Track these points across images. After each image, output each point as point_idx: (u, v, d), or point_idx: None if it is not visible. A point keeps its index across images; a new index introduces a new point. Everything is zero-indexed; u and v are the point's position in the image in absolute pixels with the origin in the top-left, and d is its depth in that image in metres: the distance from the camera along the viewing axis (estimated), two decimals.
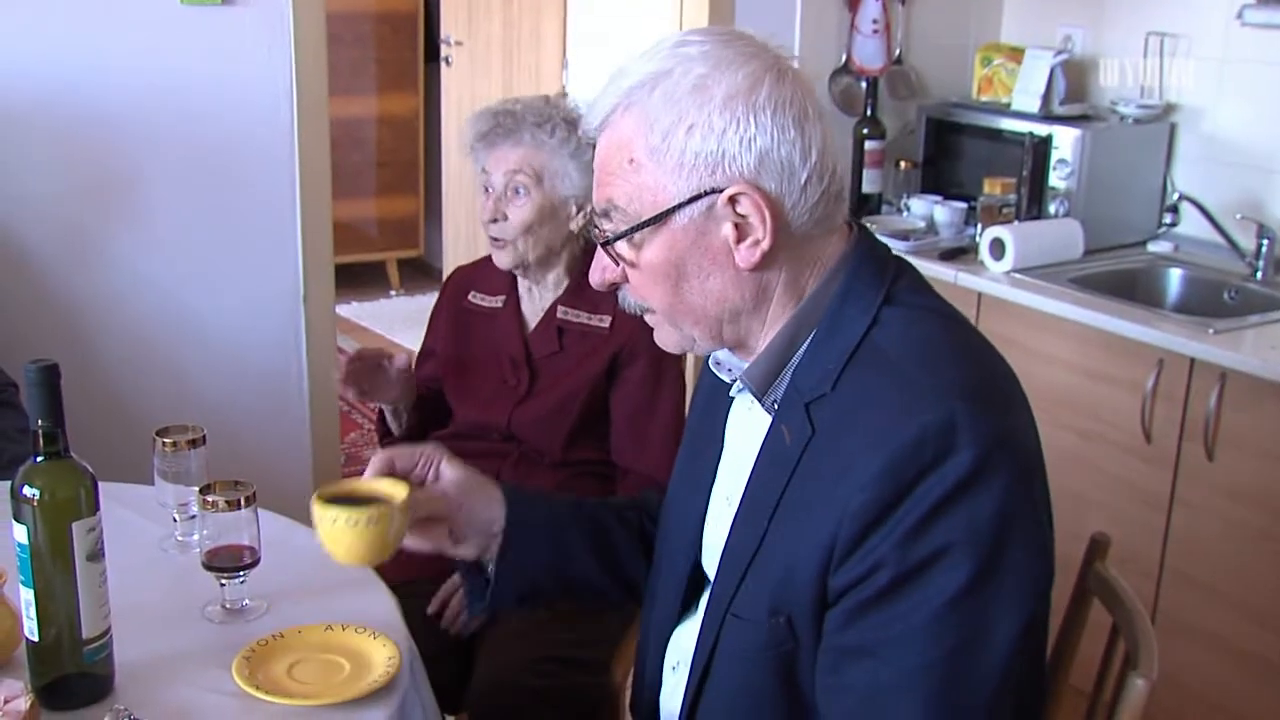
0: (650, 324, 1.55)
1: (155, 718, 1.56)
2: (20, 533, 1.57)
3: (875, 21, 3.85)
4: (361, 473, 1.68)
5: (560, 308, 2.49)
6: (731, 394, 1.54)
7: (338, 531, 1.58)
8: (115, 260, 3.03)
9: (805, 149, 1.40)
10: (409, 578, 2.40)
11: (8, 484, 1.58)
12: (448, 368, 2.61)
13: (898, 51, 4.00)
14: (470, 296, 2.61)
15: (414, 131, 6.93)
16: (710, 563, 1.59)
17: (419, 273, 7.14)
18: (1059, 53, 3.71)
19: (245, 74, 3.06)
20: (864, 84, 3.93)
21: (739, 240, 1.41)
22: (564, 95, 2.55)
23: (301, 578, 1.91)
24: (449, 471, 1.70)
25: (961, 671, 1.31)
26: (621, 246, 1.46)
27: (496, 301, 2.57)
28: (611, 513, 1.84)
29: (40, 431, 1.56)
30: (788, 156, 1.40)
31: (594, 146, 1.49)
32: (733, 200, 1.40)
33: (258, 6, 3.03)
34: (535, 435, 2.49)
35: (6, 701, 1.53)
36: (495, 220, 2.45)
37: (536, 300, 2.54)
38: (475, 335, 2.58)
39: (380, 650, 1.72)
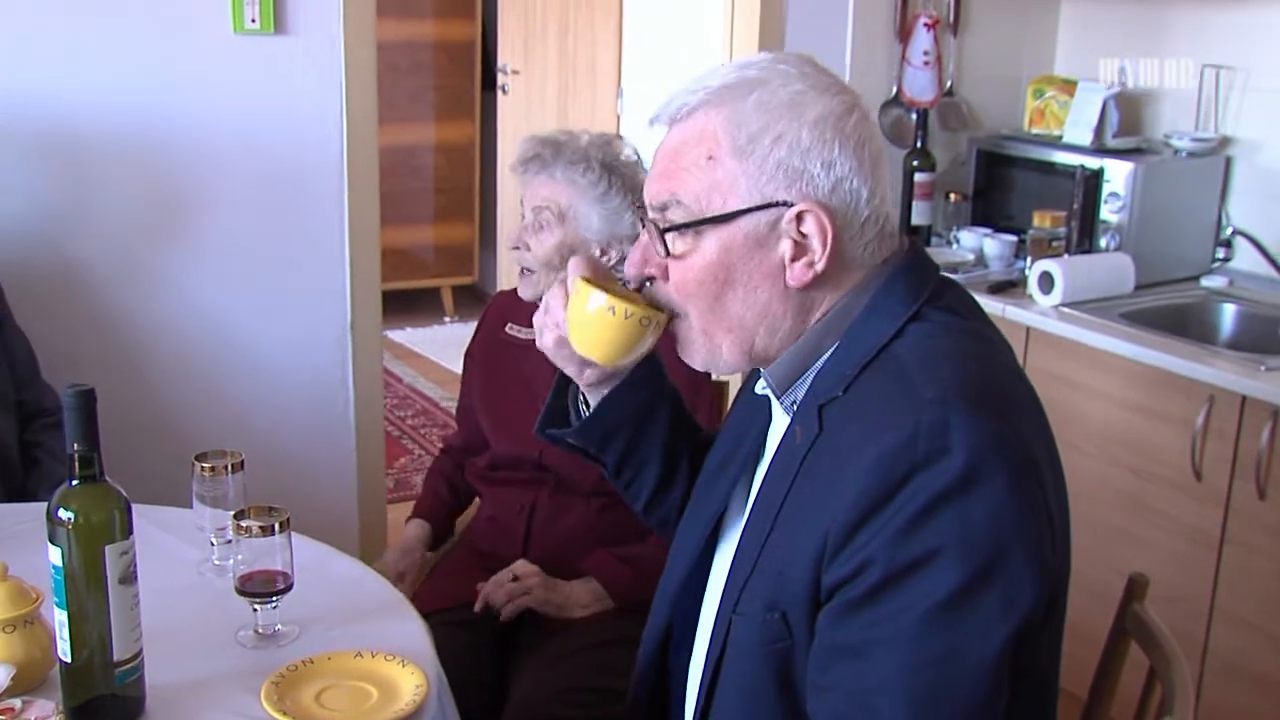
0: (675, 334, 1.54)
1: None
2: (55, 555, 1.59)
3: (926, 53, 3.85)
4: (414, 497, 1.65)
5: None
6: (756, 390, 1.56)
7: (605, 320, 1.52)
8: (165, 284, 3.07)
9: (873, 189, 1.44)
10: (441, 606, 2.41)
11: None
12: (483, 399, 2.63)
13: (949, 83, 3.98)
14: (508, 328, 2.63)
15: (470, 159, 6.98)
16: (722, 562, 1.61)
17: (473, 299, 7.18)
18: (1112, 86, 3.69)
19: (296, 102, 3.10)
20: (914, 115, 3.92)
21: (794, 258, 1.43)
22: (619, 138, 2.55)
23: (334, 604, 1.92)
24: None
25: (948, 676, 1.30)
26: (674, 239, 1.48)
27: (531, 334, 2.58)
28: (699, 437, 1.86)
29: (76, 455, 1.58)
30: (857, 190, 1.43)
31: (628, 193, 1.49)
32: (799, 218, 1.42)
33: (309, 36, 3.07)
34: (568, 467, 2.48)
35: None
36: (517, 248, 2.47)
37: None
38: (510, 367, 2.60)
39: (409, 679, 1.72)
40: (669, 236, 1.48)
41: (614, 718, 2.29)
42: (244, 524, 1.83)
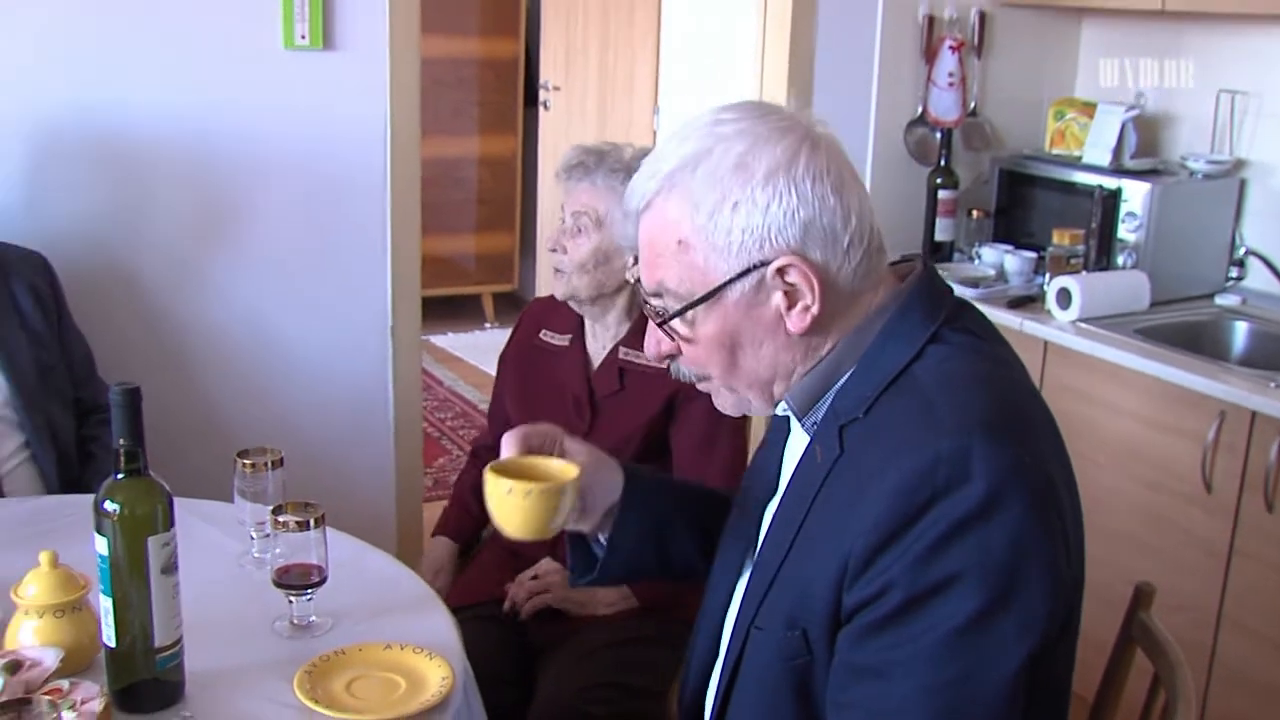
0: (705, 390, 1.55)
1: None
2: (101, 545, 1.61)
3: (951, 75, 3.84)
4: (445, 498, 1.67)
5: (622, 349, 2.50)
6: (778, 411, 1.54)
7: (510, 502, 1.54)
8: (215, 288, 3.09)
9: (845, 214, 1.40)
10: (470, 602, 2.42)
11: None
12: (516, 402, 2.63)
13: (973, 104, 3.97)
14: (542, 334, 2.64)
15: (512, 171, 7.00)
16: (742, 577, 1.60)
17: (513, 306, 7.20)
18: (1131, 108, 3.67)
19: (343, 116, 3.11)
20: (939, 135, 3.91)
21: (789, 307, 1.42)
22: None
23: (367, 598, 1.94)
24: (573, 446, 1.69)
25: (965, 698, 1.30)
26: (676, 324, 1.47)
27: (564, 340, 2.59)
28: (717, 498, 1.84)
29: (121, 450, 1.60)
30: (830, 224, 1.40)
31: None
32: (781, 271, 1.40)
33: (356, 52, 3.08)
34: None
35: (83, 703, 1.56)
36: (555, 250, 2.48)
37: (599, 341, 2.56)
38: (543, 372, 2.60)
39: (435, 671, 1.73)
40: (667, 326, 1.47)
41: (639, 713, 2.29)
42: (281, 519, 1.84)
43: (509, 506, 1.54)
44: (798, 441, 1.54)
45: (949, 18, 3.86)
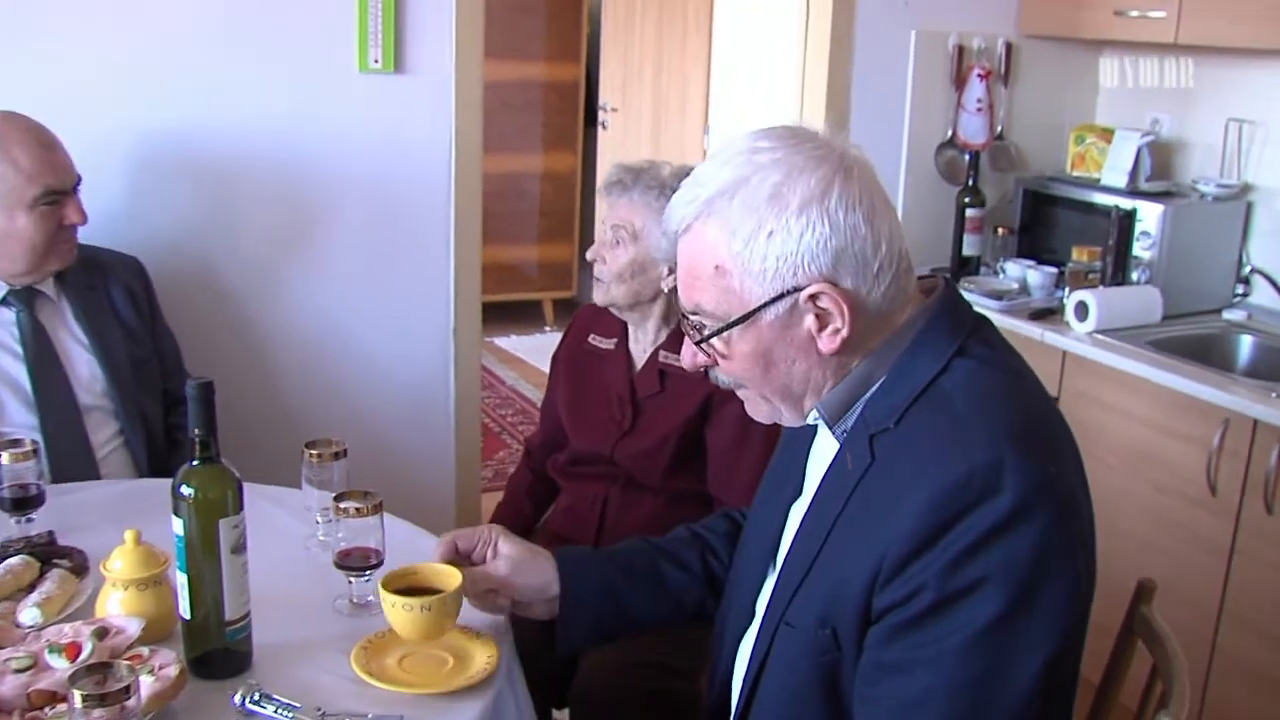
0: (742, 398, 1.54)
1: (281, 693, 1.59)
2: (177, 526, 1.63)
3: (979, 100, 3.81)
4: (503, 488, 1.67)
5: (662, 352, 2.50)
6: (809, 420, 1.52)
7: (399, 615, 1.66)
8: (291, 291, 3.12)
9: (875, 241, 1.38)
10: None
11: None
12: (566, 400, 2.64)
13: (999, 128, 3.94)
14: (590, 338, 2.64)
15: (572, 186, 7.01)
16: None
17: (570, 311, 7.13)
18: (1146, 134, 3.63)
19: (411, 134, 3.13)
20: (967, 156, 3.88)
21: (820, 329, 1.40)
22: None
23: None
24: (505, 548, 1.77)
25: (987, 695, 1.29)
26: (713, 342, 1.46)
27: (610, 344, 2.59)
28: (664, 555, 1.85)
29: (196, 439, 1.62)
30: (860, 251, 1.38)
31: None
32: (813, 297, 1.38)
33: (424, 74, 3.10)
34: (637, 466, 2.49)
35: (160, 668, 1.58)
36: (596, 261, 2.48)
37: (641, 344, 2.56)
38: (591, 373, 2.61)
39: (482, 650, 1.73)
40: (705, 345, 1.47)
41: (674, 691, 2.29)
42: (342, 505, 1.85)
43: (398, 618, 1.67)
44: (825, 447, 1.52)
45: (977, 48, 3.84)
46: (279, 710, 1.56)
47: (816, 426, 1.53)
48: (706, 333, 1.45)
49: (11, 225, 2.39)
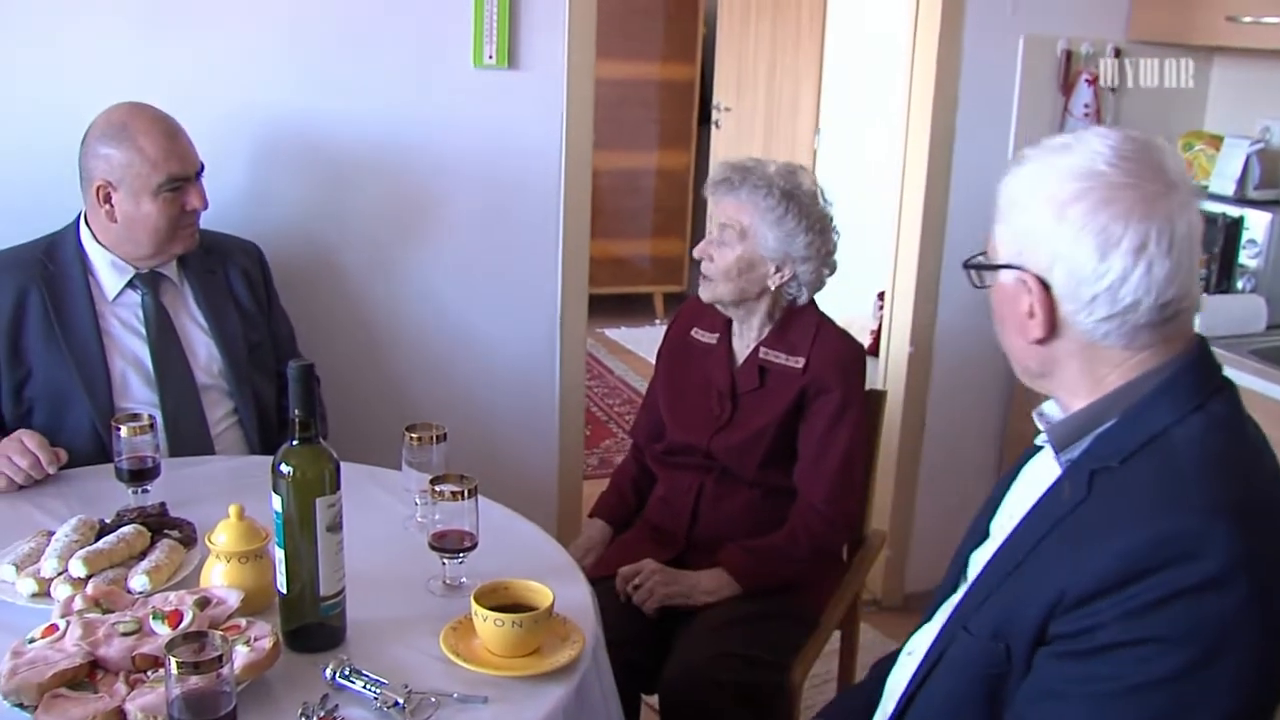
0: None
1: (370, 669, 1.59)
2: (276, 503, 1.64)
3: (1087, 106, 3.69)
4: (608, 476, 1.62)
5: (763, 349, 2.46)
6: (1038, 441, 1.53)
7: (490, 630, 1.65)
8: (405, 279, 3.13)
9: (1101, 272, 1.34)
10: (609, 573, 2.40)
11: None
12: (666, 392, 2.61)
13: None
14: (694, 331, 2.61)
15: (685, 184, 6.99)
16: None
17: (680, 305, 7.19)
18: (1256, 142, 3.49)
19: (523, 128, 3.12)
20: None
21: (1029, 315, 1.41)
22: (803, 170, 2.48)
23: (514, 563, 1.92)
24: None
25: None
26: (975, 273, 1.50)
27: (713, 338, 2.56)
28: None
29: (296, 419, 1.62)
30: (1079, 271, 1.36)
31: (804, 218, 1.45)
32: (1027, 281, 1.40)
33: (538, 71, 3.09)
34: (731, 459, 2.46)
35: (256, 639, 1.59)
36: (702, 259, 2.45)
37: (744, 340, 2.52)
38: (693, 366, 2.58)
39: (569, 635, 1.72)
40: (972, 273, 1.50)
41: (760, 684, 2.26)
42: (439, 488, 1.85)
43: (488, 632, 1.65)
44: (1043, 470, 1.52)
45: (1086, 53, 3.72)
46: (367, 685, 1.56)
47: (1039, 447, 1.53)
48: (974, 261, 1.50)
49: (137, 211, 2.43)
